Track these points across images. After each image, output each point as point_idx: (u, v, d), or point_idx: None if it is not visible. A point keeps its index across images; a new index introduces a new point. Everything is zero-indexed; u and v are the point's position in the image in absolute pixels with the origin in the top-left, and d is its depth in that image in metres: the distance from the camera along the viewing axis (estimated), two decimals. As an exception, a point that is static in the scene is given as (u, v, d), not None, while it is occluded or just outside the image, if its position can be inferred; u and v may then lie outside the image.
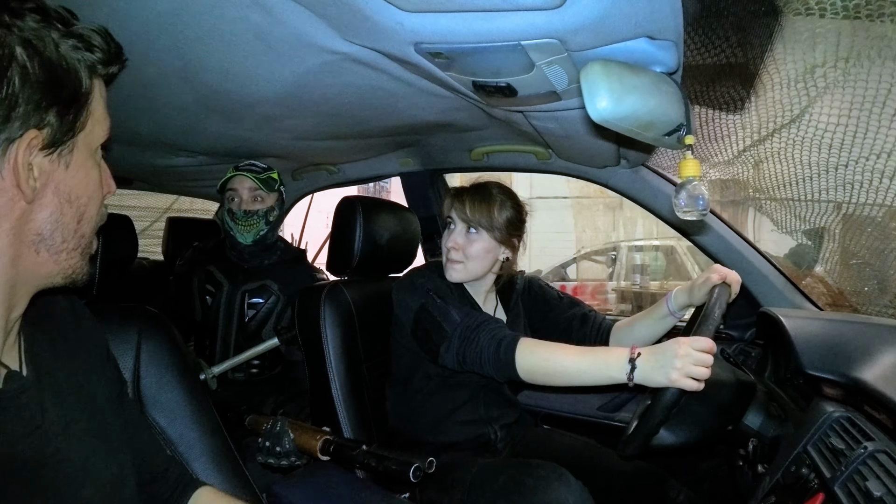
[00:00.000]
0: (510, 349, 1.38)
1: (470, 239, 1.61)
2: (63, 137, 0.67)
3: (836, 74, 1.13)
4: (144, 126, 1.61)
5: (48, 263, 0.69)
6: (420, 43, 0.94)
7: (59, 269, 0.71)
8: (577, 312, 1.79)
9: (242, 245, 2.07)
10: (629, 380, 1.25)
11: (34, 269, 0.69)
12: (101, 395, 0.82)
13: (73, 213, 0.70)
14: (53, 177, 0.67)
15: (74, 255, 0.72)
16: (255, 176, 2.01)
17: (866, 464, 0.92)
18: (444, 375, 1.61)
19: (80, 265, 0.74)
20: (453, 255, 1.61)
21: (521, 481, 1.36)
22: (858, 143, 1.26)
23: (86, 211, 0.72)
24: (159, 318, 1.17)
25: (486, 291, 1.73)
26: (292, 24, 0.99)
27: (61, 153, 0.68)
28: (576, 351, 1.35)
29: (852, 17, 1.09)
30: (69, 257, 0.71)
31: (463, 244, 1.61)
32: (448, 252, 1.63)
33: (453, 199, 1.64)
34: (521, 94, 1.11)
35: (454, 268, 1.62)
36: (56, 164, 0.67)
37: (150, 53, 1.12)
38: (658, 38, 0.89)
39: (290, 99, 1.37)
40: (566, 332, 1.77)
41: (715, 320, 1.27)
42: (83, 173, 0.71)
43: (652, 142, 1.04)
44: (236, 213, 2.03)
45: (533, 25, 0.83)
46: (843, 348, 1.23)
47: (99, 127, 0.73)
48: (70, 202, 0.69)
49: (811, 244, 1.76)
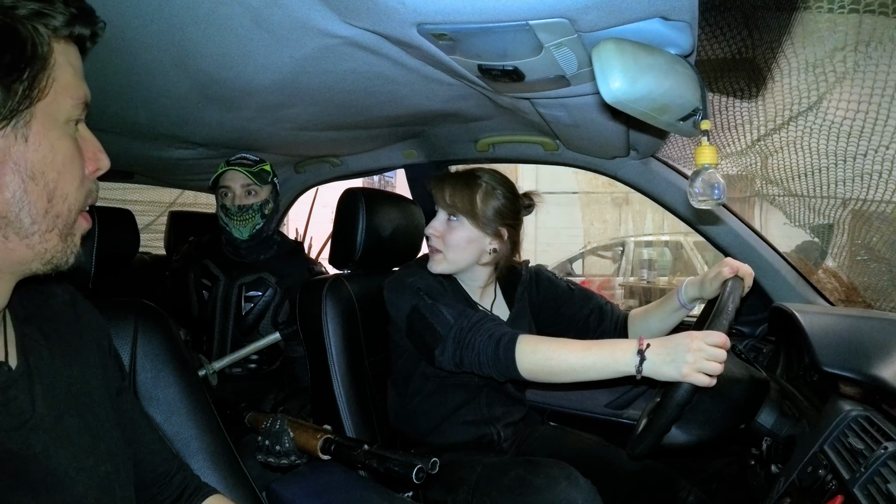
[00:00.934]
0: (509, 348, 1.33)
1: (450, 226, 1.55)
2: (17, 108, 0.60)
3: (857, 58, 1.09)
4: (142, 116, 1.58)
5: (19, 248, 0.64)
6: (423, 23, 0.90)
7: (34, 253, 0.65)
8: (594, 306, 1.72)
9: (239, 240, 2.05)
10: (637, 372, 1.21)
11: (5, 256, 0.64)
12: (97, 392, 0.79)
13: (39, 191, 0.63)
14: (10, 153, 0.61)
15: (51, 238, 0.66)
16: (246, 170, 1.99)
17: (887, 465, 0.90)
18: (441, 376, 1.56)
19: (60, 248, 0.67)
20: (433, 243, 1.57)
21: (528, 480, 1.33)
22: (878, 132, 1.22)
23: (56, 187, 0.65)
24: (157, 313, 1.15)
25: (481, 287, 1.67)
26: (290, 6, 0.95)
27: (15, 126, 0.61)
28: (580, 346, 1.31)
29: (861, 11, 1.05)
30: (43, 240, 0.65)
31: (442, 231, 1.56)
32: (428, 240, 1.58)
33: (435, 184, 1.59)
34: (528, 78, 1.07)
35: (434, 258, 1.57)
36: (11, 140, 0.61)
37: (144, 38, 1.09)
38: (672, 19, 0.85)
39: (289, 86, 1.34)
40: (583, 330, 1.70)
41: (729, 314, 1.23)
42: (47, 146, 0.63)
43: (666, 127, 1.00)
44: (230, 209, 2.01)
45: (541, 2, 0.79)
46: (860, 345, 1.20)
47: (66, 96, 0.65)
48: (34, 179, 0.63)
49: (821, 238, 1.73)
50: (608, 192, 8.78)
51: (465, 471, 1.43)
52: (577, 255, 9.07)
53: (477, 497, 1.37)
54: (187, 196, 3.77)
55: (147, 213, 3.84)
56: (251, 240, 2.06)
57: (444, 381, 1.58)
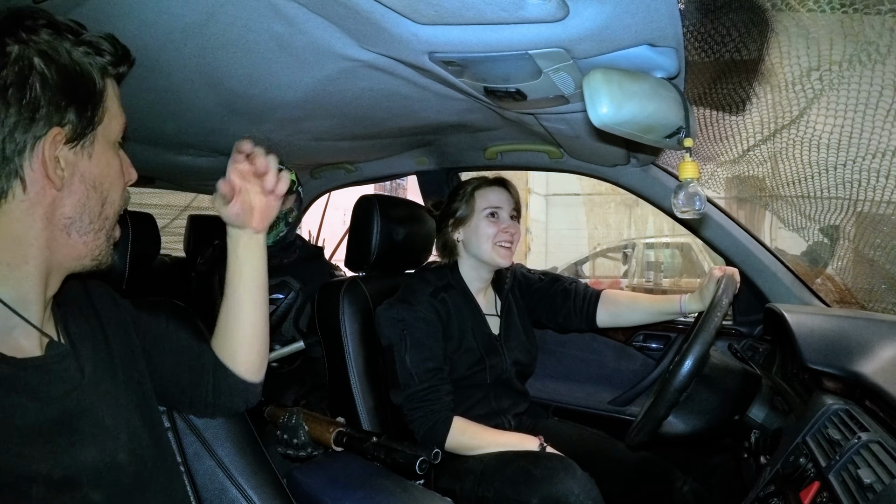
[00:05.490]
0: (441, 432, 1.55)
1: (515, 224, 1.77)
2: (84, 132, 0.77)
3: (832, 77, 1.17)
4: (169, 127, 1.66)
5: (78, 245, 0.80)
6: (434, 52, 0.99)
7: (88, 250, 0.81)
8: (559, 288, 1.91)
9: None
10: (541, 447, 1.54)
11: (67, 251, 0.79)
12: (121, 358, 0.91)
13: (97, 198, 0.80)
14: (78, 167, 0.78)
15: (100, 237, 0.82)
16: None
17: (859, 453, 0.95)
18: (454, 379, 1.67)
19: (106, 248, 0.84)
20: (508, 240, 1.74)
21: (528, 471, 1.41)
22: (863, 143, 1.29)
23: (108, 195, 0.82)
24: (186, 311, 1.23)
25: (486, 287, 1.85)
26: (313, 33, 1.04)
27: (83, 145, 0.78)
28: (497, 433, 1.61)
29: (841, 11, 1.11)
30: (96, 238, 0.81)
31: (513, 229, 1.75)
32: (503, 239, 1.73)
33: (496, 187, 1.78)
34: (530, 97, 1.16)
35: (505, 254, 1.75)
36: (80, 156, 0.78)
37: (177, 60, 1.18)
38: (659, 45, 0.94)
39: (309, 102, 1.43)
40: (552, 310, 1.92)
41: (723, 308, 1.34)
42: (104, 162, 0.81)
43: (653, 143, 1.09)
44: None
45: (539, 36, 0.88)
46: (843, 343, 1.25)
47: (115, 121, 0.83)
48: (94, 188, 0.80)
49: (826, 242, 1.78)
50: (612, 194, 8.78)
51: (473, 461, 1.52)
52: (585, 258, 9.07)
53: (482, 486, 1.46)
54: (202, 199, 3.82)
55: (163, 216, 3.89)
56: (275, 246, 2.14)
57: (457, 383, 1.68)
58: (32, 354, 0.76)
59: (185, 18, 1.02)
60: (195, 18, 1.01)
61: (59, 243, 0.77)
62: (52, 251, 0.77)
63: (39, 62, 0.72)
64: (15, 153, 0.71)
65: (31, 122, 0.71)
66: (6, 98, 0.70)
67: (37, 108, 0.71)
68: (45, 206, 0.75)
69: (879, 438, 0.95)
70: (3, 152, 0.70)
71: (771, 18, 1.13)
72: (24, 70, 0.71)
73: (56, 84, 0.73)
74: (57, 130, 0.73)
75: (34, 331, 0.77)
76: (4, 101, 0.70)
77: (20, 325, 0.76)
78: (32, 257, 0.75)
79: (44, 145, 0.72)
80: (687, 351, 1.27)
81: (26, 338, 0.77)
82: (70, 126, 0.75)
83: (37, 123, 0.72)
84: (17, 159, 0.71)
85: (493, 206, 1.74)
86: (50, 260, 0.77)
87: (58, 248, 0.77)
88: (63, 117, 0.74)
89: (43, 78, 0.72)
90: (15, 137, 0.71)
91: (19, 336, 0.76)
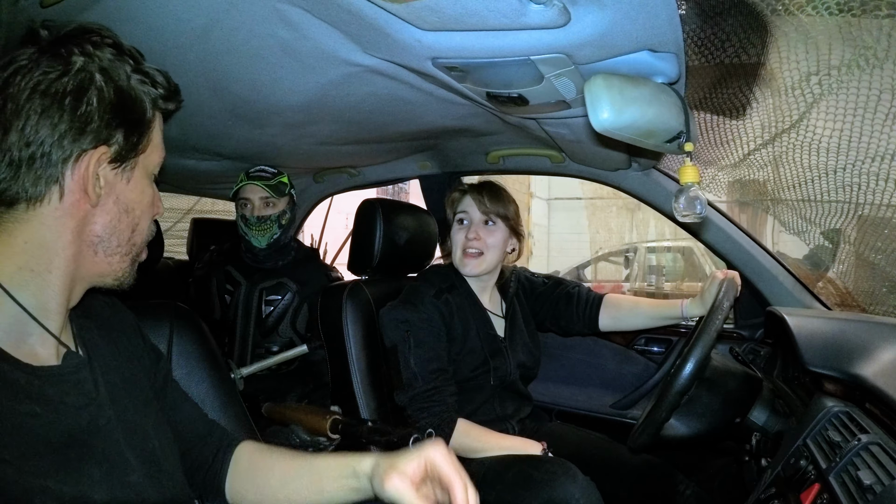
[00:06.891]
0: (445, 434, 1.55)
1: (489, 230, 1.73)
2: (127, 155, 0.78)
3: (831, 81, 1.18)
4: (173, 131, 1.65)
5: (102, 264, 0.80)
6: (437, 58, 1.00)
7: (111, 270, 0.82)
8: (562, 292, 1.92)
9: (257, 248, 2.16)
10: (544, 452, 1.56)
11: (91, 268, 0.79)
12: (139, 378, 0.91)
13: (128, 223, 0.81)
14: (116, 188, 0.78)
15: (126, 261, 0.83)
16: (265, 183, 2.10)
17: (860, 455, 0.95)
18: (458, 381, 1.67)
19: (129, 271, 0.84)
20: (474, 247, 1.72)
21: (529, 476, 1.41)
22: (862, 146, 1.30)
23: (139, 223, 0.83)
24: (190, 314, 1.23)
25: (490, 290, 1.84)
26: (317, 39, 1.05)
27: (124, 169, 0.79)
28: (500, 437, 1.63)
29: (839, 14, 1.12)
30: (121, 261, 0.82)
31: (483, 235, 1.71)
32: (468, 245, 1.72)
33: (466, 194, 1.76)
34: (532, 103, 1.17)
35: (472, 262, 1.72)
36: (119, 178, 0.79)
37: (182, 65, 1.19)
38: (659, 51, 0.95)
39: (313, 107, 1.44)
40: (555, 314, 1.92)
41: (724, 310, 1.34)
42: (140, 190, 0.82)
43: (654, 148, 1.09)
44: (249, 219, 2.13)
45: (541, 42, 0.89)
46: (843, 346, 1.25)
47: (156, 153, 0.84)
48: (127, 212, 0.80)
49: (828, 246, 1.78)
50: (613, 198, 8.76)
51: (475, 464, 1.52)
52: (587, 262, 9.06)
53: (484, 490, 1.45)
54: (205, 203, 3.83)
55: (166, 220, 3.89)
56: (269, 248, 2.17)
57: (461, 385, 1.68)
58: (48, 363, 0.76)
59: (191, 23, 1.03)
60: (200, 23, 1.03)
61: (85, 258, 0.78)
62: (78, 265, 0.77)
63: (100, 78, 0.73)
64: (60, 160, 0.72)
65: (81, 134, 0.72)
66: (62, 105, 0.71)
67: (89, 121, 0.73)
68: (77, 218, 0.75)
69: (879, 440, 0.95)
70: (49, 156, 0.71)
71: (770, 23, 1.14)
72: (85, 82, 0.72)
73: (111, 103, 0.74)
74: (104, 149, 0.75)
75: (51, 339, 0.77)
76: (60, 108, 0.71)
77: (37, 333, 0.75)
78: (57, 267, 0.75)
79: (89, 159, 0.73)
80: (688, 354, 1.27)
81: (43, 346, 0.76)
82: (116, 147, 0.76)
83: (86, 136, 0.73)
84: (60, 166, 0.72)
85: (459, 212, 1.76)
86: (74, 273, 0.77)
87: (83, 263, 0.78)
88: (111, 136, 0.75)
89: (100, 94, 0.73)
90: (63, 144, 0.72)
91: (35, 343, 0.75)
